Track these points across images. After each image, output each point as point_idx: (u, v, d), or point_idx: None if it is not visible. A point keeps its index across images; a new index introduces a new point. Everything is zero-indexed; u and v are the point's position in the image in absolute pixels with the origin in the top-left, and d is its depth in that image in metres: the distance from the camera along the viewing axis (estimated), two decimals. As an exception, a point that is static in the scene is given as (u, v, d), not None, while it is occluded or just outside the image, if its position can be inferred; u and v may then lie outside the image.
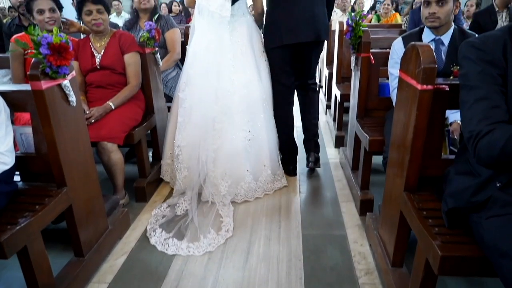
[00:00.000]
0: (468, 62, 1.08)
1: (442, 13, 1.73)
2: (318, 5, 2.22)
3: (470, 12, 4.63)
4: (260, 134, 2.24)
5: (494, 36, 1.07)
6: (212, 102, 2.15)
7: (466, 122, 1.03)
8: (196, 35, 2.28)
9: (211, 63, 2.17)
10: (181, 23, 6.44)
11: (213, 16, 2.17)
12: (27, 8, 2.08)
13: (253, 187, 2.23)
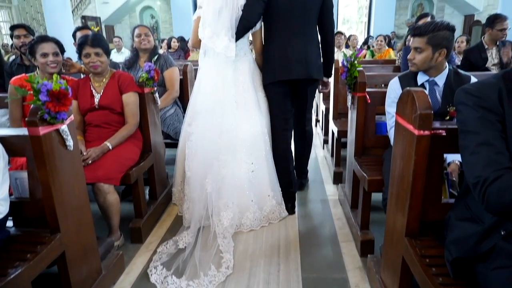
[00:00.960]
0: (465, 107, 1.09)
1: (419, 60, 1.78)
2: (311, 46, 2.35)
3: (461, 48, 4.77)
4: (262, 165, 2.35)
5: (489, 83, 1.09)
6: (217, 136, 2.28)
7: (470, 167, 1.02)
8: (201, 73, 2.43)
9: (216, 99, 2.31)
10: (180, 58, 6.60)
11: (218, 56, 2.31)
12: (30, 51, 2.11)
13: (258, 217, 2.31)
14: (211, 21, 2.24)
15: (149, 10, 14.18)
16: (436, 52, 1.75)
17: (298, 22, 2.31)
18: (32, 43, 2.11)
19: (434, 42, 1.73)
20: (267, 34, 2.43)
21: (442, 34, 1.72)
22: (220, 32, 2.23)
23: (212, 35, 2.25)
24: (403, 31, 13.17)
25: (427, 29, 1.74)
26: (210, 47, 2.30)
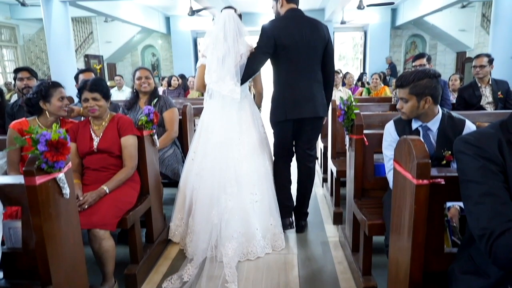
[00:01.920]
0: (465, 157, 1.09)
1: (407, 109, 1.81)
2: (316, 87, 2.59)
3: (455, 86, 4.87)
4: (264, 195, 2.52)
5: (488, 134, 1.09)
6: (223, 170, 2.45)
7: (475, 218, 1.00)
8: (206, 113, 2.67)
9: (221, 136, 2.52)
10: (180, 96, 6.71)
11: (223, 98, 2.55)
12: (45, 94, 2.14)
13: (263, 244, 2.44)
14: (216, 67, 2.50)
15: (150, 48, 14.60)
16: (421, 101, 1.77)
17: (305, 65, 2.53)
18: (48, 87, 2.15)
19: (416, 91, 1.76)
20: (276, 76, 2.63)
21: (424, 83, 1.75)
22: (225, 77, 2.48)
23: (218, 80, 2.50)
24: (399, 68, 13.53)
25: (408, 79, 1.78)
26: (216, 90, 2.55)
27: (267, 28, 2.49)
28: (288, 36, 2.45)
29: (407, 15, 11.44)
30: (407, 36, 13.53)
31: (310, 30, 2.49)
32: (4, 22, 11.15)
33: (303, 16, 2.55)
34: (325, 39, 2.55)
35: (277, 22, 2.54)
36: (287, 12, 2.55)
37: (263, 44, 2.48)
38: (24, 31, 11.92)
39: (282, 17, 2.57)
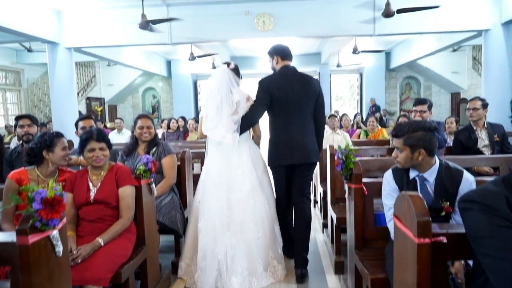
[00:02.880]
0: (472, 213, 1.08)
1: (401, 159, 1.82)
2: (308, 135, 2.81)
3: (451, 128, 4.93)
4: (266, 232, 2.69)
5: (493, 191, 1.09)
6: (226, 210, 2.63)
7: (501, 275, 0.99)
8: (209, 157, 2.89)
9: (225, 178, 2.71)
10: (179, 139, 6.76)
11: (222, 143, 2.77)
12: (49, 144, 2.15)
13: (265, 276, 2.62)
14: (213, 115, 2.76)
15: (151, 90, 14.93)
16: (415, 152, 1.78)
17: (297, 116, 2.78)
18: (52, 137, 2.17)
19: (410, 143, 1.78)
20: (272, 124, 2.88)
21: (418, 136, 1.77)
22: (218, 124, 2.73)
23: (213, 127, 2.75)
24: (395, 108, 13.78)
25: (403, 130, 1.81)
26: (211, 136, 2.80)
27: (264, 83, 2.78)
28: (282, 90, 2.72)
29: (401, 58, 11.83)
30: (402, 78, 13.91)
31: (302, 84, 2.77)
32: (10, 67, 11.47)
33: (296, 72, 2.86)
34: (316, 93, 2.82)
35: (273, 78, 2.84)
36: (281, 68, 2.85)
37: (261, 97, 2.76)
38: (29, 75, 12.23)
39: (277, 73, 2.87)
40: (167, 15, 6.62)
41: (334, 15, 6.48)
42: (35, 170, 2.20)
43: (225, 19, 6.67)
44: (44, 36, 6.54)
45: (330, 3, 6.44)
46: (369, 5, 6.34)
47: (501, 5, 6.20)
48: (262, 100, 2.76)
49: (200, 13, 6.65)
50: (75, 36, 6.99)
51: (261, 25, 6.52)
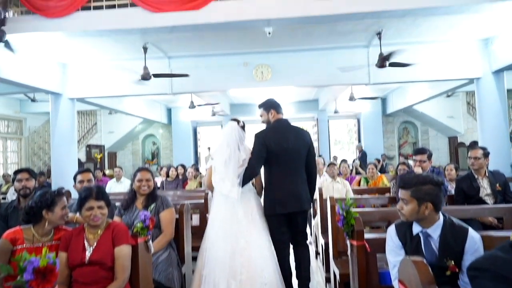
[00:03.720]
0: (483, 281, 1.04)
1: (406, 211, 1.80)
2: (301, 184, 3.01)
3: (451, 176, 4.91)
4: (272, 277, 2.74)
5: (503, 259, 1.05)
6: (232, 258, 2.72)
7: None
8: (215, 206, 3.03)
9: (230, 227, 2.85)
10: (178, 187, 6.70)
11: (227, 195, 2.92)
12: (50, 203, 2.12)
13: None
14: (219, 169, 2.97)
15: (151, 137, 15.07)
16: (422, 205, 1.75)
17: (291, 166, 2.98)
18: (54, 195, 2.14)
19: (418, 195, 1.76)
20: (267, 175, 3.07)
21: (426, 189, 1.75)
22: (225, 178, 2.92)
23: (219, 180, 2.95)
24: (393, 153, 13.85)
25: (411, 182, 1.79)
26: (219, 190, 2.97)
27: (260, 137, 3.00)
28: (277, 143, 2.94)
29: (397, 104, 12.09)
30: (399, 122, 14.12)
31: (295, 137, 3.00)
32: (13, 116, 11.67)
33: (289, 125, 3.10)
34: (308, 144, 3.05)
35: (269, 131, 3.07)
36: (276, 122, 3.10)
37: (258, 150, 2.96)
38: (31, 123, 12.41)
39: (271, 126, 3.11)
40: (169, 66, 6.87)
41: (329, 65, 6.72)
42: (31, 229, 2.15)
43: (224, 70, 6.91)
44: (48, 88, 6.72)
45: (326, 55, 6.70)
46: (363, 56, 6.60)
47: (489, 55, 6.45)
48: (259, 152, 2.95)
49: (201, 64, 6.90)
50: (78, 87, 7.19)
51: (259, 75, 6.74)
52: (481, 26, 5.82)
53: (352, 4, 4.64)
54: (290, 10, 4.74)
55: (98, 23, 5.01)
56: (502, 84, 6.51)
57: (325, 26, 5.49)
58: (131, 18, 4.93)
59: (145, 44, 6.00)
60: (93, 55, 6.70)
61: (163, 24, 4.89)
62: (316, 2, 4.68)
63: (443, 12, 4.87)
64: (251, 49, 6.64)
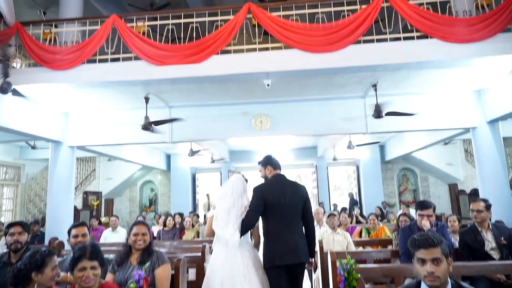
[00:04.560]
0: None
1: (441, 272, 1.70)
2: (298, 237, 3.11)
3: (454, 227, 4.82)
4: None
5: None
6: None
7: None
8: (215, 254, 3.17)
9: (228, 274, 2.96)
10: (175, 237, 6.53)
11: (227, 243, 3.07)
12: (40, 264, 2.04)
13: None
14: (222, 216, 3.14)
15: (149, 184, 14.97)
16: (447, 260, 1.72)
17: (288, 220, 3.11)
18: (44, 256, 2.07)
19: (446, 251, 1.73)
20: (265, 227, 3.18)
21: (445, 244, 1.74)
22: (228, 224, 3.08)
23: (223, 226, 3.10)
24: (394, 200, 13.69)
25: (437, 238, 1.73)
26: (221, 235, 3.11)
27: (258, 190, 3.15)
28: (274, 196, 3.09)
29: (395, 151, 12.17)
30: (398, 169, 14.11)
31: (292, 191, 3.15)
32: (12, 162, 11.66)
33: (286, 179, 3.26)
34: (304, 198, 3.19)
35: (266, 185, 3.25)
36: (273, 177, 3.27)
37: (255, 203, 3.11)
38: (29, 169, 12.36)
39: (269, 181, 3.28)
40: (170, 116, 6.99)
41: (327, 115, 6.85)
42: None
43: (224, 119, 7.03)
44: (50, 136, 6.79)
45: (323, 105, 6.86)
46: (360, 106, 6.75)
47: (483, 106, 6.60)
48: (257, 206, 3.11)
49: (201, 114, 7.03)
50: (79, 135, 7.26)
51: (258, 125, 6.84)
52: (473, 79, 6.02)
53: (347, 58, 4.83)
54: (288, 64, 4.93)
55: (102, 75, 5.18)
56: (497, 133, 6.59)
57: (322, 78, 5.67)
58: (134, 70, 5.11)
59: (147, 95, 6.15)
60: (95, 104, 6.84)
61: (166, 77, 5.06)
62: (312, 57, 4.88)
63: (436, 66, 5.06)
64: (250, 99, 6.81)
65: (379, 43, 4.92)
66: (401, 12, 4.88)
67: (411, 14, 4.83)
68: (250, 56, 5.04)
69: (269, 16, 5.03)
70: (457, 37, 4.71)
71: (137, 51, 5.07)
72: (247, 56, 5.04)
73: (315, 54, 4.87)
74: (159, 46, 5.07)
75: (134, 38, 5.10)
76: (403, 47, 4.85)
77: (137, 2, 8.04)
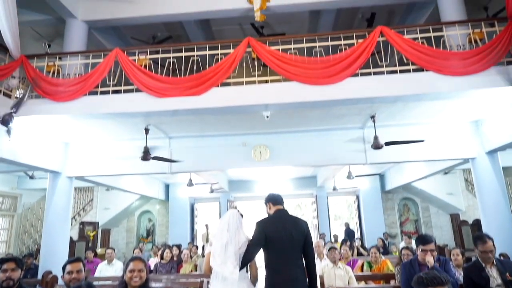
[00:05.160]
0: None
1: None
2: (299, 271, 3.16)
3: (458, 261, 4.72)
4: None
5: None
6: None
7: None
8: None
9: None
10: (172, 270, 6.37)
11: (226, 278, 3.08)
12: None
13: None
14: (219, 253, 3.14)
15: (147, 214, 14.76)
16: None
17: (288, 254, 3.15)
18: None
19: None
20: (266, 261, 3.22)
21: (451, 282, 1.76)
22: (227, 261, 3.09)
23: (221, 263, 3.10)
24: (395, 230, 13.47)
25: (445, 278, 1.84)
26: (219, 272, 3.10)
27: (259, 225, 3.23)
28: (275, 231, 3.17)
29: (395, 181, 12.12)
30: (399, 199, 13.97)
31: (293, 226, 3.21)
32: (9, 192, 11.56)
33: (287, 215, 3.34)
34: (305, 233, 3.23)
35: (268, 220, 3.32)
36: (275, 212, 3.34)
37: (257, 237, 3.19)
38: (26, 199, 12.24)
39: (271, 216, 3.36)
40: (169, 146, 7.01)
41: (326, 146, 6.87)
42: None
43: (223, 150, 7.04)
44: (48, 167, 6.77)
45: (322, 136, 6.89)
46: (359, 137, 6.78)
47: (481, 136, 6.64)
48: (258, 240, 3.19)
49: (200, 144, 7.05)
50: (78, 166, 7.24)
51: (257, 155, 6.85)
52: (470, 110, 6.09)
53: (345, 91, 4.92)
54: (287, 96, 5.01)
55: (104, 107, 5.24)
56: (497, 164, 6.58)
57: (321, 110, 5.73)
58: (136, 103, 5.17)
59: (147, 126, 6.19)
60: (95, 134, 6.87)
61: (166, 108, 5.12)
62: (311, 89, 4.96)
63: (432, 98, 5.14)
64: (249, 130, 6.85)
65: (376, 75, 5.02)
66: (397, 47, 5.01)
67: (406, 48, 4.96)
68: (249, 89, 5.12)
69: (268, 50, 5.16)
70: (452, 70, 4.82)
71: (138, 84, 5.15)
72: (247, 89, 5.13)
73: (313, 87, 4.96)
74: (160, 79, 5.17)
75: (136, 71, 5.20)
76: (399, 80, 4.95)
77: (140, 35, 8.25)
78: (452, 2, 6.11)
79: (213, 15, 6.97)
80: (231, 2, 6.62)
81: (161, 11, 6.75)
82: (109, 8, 6.83)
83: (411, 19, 7.80)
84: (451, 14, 6.03)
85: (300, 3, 6.58)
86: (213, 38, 8.77)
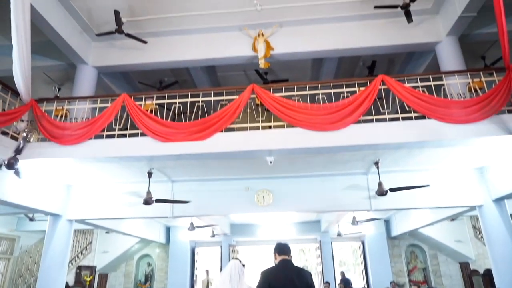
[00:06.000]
0: None
1: None
2: None
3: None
4: None
5: None
6: None
7: None
8: None
9: None
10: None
11: None
12: None
13: None
14: None
15: (146, 258, 14.35)
16: None
17: None
18: None
19: None
20: None
21: None
22: None
23: None
24: (403, 279, 12.93)
25: None
26: None
27: (264, 274, 3.29)
28: (279, 280, 3.22)
29: (401, 227, 11.83)
30: (405, 246, 13.53)
31: (296, 276, 3.24)
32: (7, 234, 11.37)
33: (292, 265, 3.38)
34: (308, 284, 3.24)
35: (273, 269, 3.37)
36: (280, 262, 3.39)
37: (260, 286, 3.24)
38: (24, 241, 12.00)
39: (275, 266, 3.41)
40: (172, 190, 6.97)
41: (329, 191, 6.81)
42: None
43: (226, 194, 6.98)
44: (49, 210, 6.71)
45: (325, 181, 6.86)
46: (363, 183, 6.73)
47: (487, 184, 6.56)
48: None
49: (203, 188, 7.01)
50: (79, 209, 7.17)
51: (260, 200, 6.77)
52: (473, 157, 6.07)
53: (348, 137, 4.95)
54: (290, 142, 5.04)
55: (109, 151, 5.28)
56: (505, 212, 6.45)
57: (324, 156, 5.74)
58: (140, 147, 5.22)
59: (151, 170, 6.19)
60: (98, 177, 6.86)
61: (170, 153, 5.15)
62: (314, 135, 5.00)
63: (435, 145, 5.15)
64: (253, 175, 6.84)
65: (378, 122, 5.07)
66: (398, 95, 5.11)
67: (407, 96, 5.06)
68: (253, 134, 5.17)
69: (272, 97, 5.27)
70: (454, 118, 4.87)
71: (144, 128, 5.23)
72: (251, 134, 5.18)
73: (317, 133, 5.01)
74: (165, 124, 5.25)
75: (142, 116, 5.29)
76: (402, 127, 4.99)
77: (147, 79, 8.51)
78: (450, 52, 6.32)
79: (218, 62, 7.22)
80: (236, 50, 6.88)
81: (168, 58, 7.02)
82: (119, 54, 7.11)
83: (410, 67, 8.04)
84: (449, 63, 6.22)
85: (303, 52, 6.82)
86: (218, 83, 9.01)
